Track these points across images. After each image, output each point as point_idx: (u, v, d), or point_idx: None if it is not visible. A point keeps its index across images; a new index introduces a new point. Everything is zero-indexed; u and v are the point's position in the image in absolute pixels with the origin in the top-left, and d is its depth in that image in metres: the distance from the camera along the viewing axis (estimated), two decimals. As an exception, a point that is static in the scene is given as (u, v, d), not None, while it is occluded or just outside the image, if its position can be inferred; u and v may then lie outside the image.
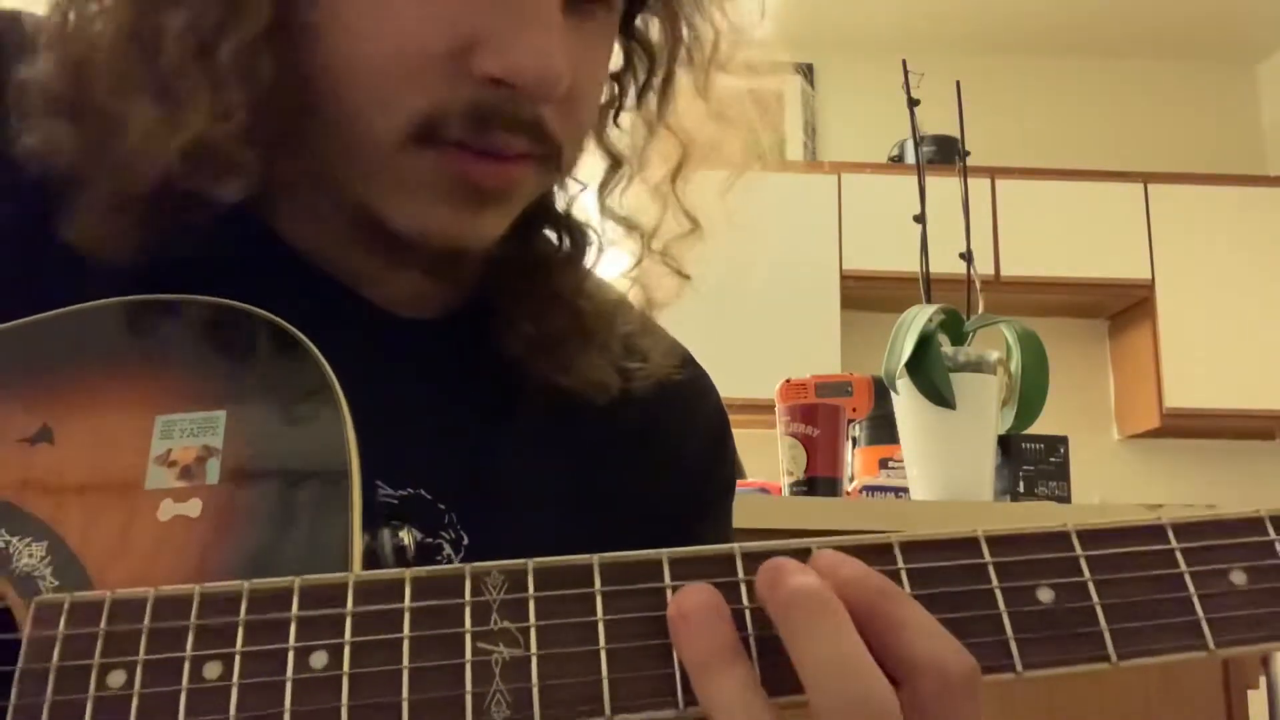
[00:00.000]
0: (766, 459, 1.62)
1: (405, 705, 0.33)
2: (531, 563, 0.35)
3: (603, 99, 0.57)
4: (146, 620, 0.34)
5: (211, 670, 0.33)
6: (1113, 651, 0.34)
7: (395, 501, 0.49)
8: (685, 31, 0.57)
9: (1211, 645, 0.35)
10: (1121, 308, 3.75)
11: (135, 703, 0.33)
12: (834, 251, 3.46)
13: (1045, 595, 0.35)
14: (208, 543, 0.39)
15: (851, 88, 3.95)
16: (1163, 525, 0.36)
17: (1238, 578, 0.36)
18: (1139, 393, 3.66)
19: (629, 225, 0.60)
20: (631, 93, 0.59)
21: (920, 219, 1.46)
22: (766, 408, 1.57)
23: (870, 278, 3.37)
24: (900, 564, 0.35)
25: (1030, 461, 1.55)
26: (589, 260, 0.60)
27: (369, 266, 0.53)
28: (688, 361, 0.66)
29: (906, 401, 1.30)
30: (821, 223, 3.48)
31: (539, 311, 0.57)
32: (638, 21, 0.57)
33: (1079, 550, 0.36)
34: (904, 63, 1.49)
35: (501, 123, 0.47)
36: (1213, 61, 4.06)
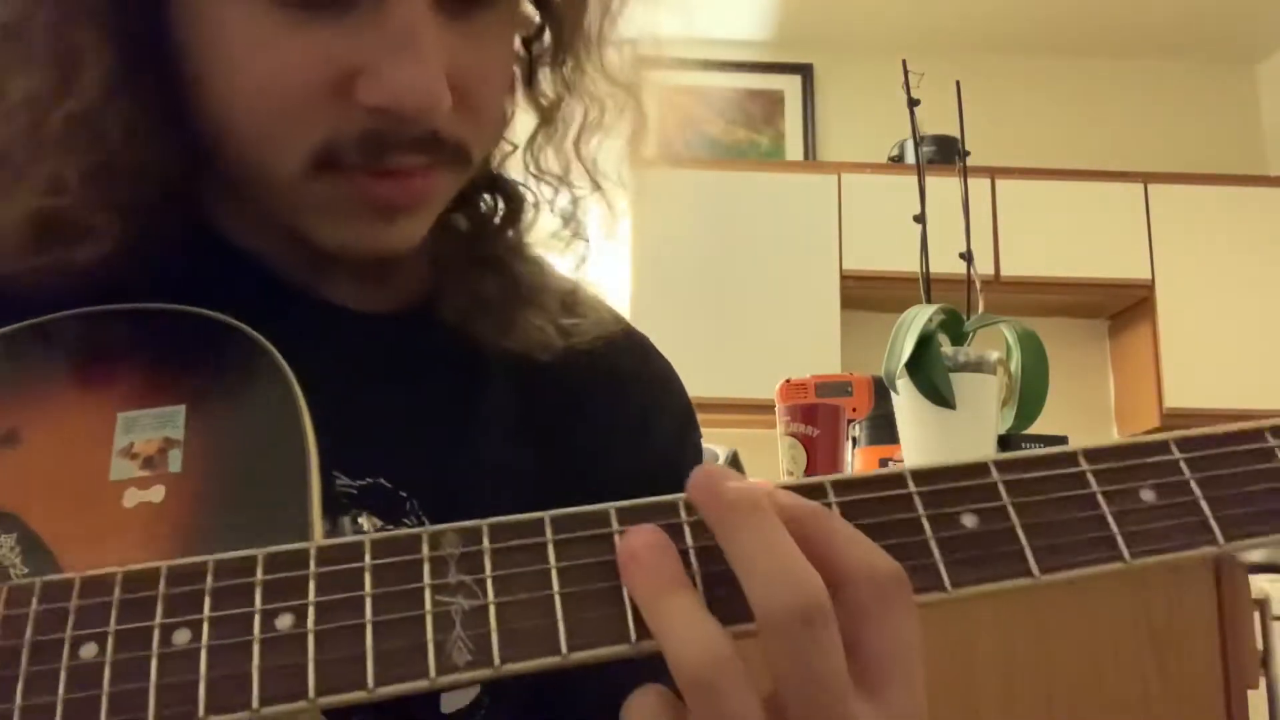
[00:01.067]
0: (766, 459, 1.62)
1: (370, 656, 0.34)
2: (485, 521, 0.37)
3: (519, 63, 0.58)
4: (116, 594, 0.36)
5: (180, 636, 0.35)
6: (1035, 567, 0.36)
7: (355, 491, 0.50)
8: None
9: (1127, 557, 0.37)
10: (1121, 308, 3.75)
11: (108, 671, 0.34)
12: (834, 251, 3.46)
13: (969, 520, 0.37)
14: (173, 525, 0.41)
15: (851, 88, 3.94)
16: (1075, 452, 0.39)
17: (1147, 495, 0.38)
18: (1139, 393, 3.66)
19: (558, 181, 0.61)
20: (547, 53, 0.60)
21: (920, 219, 1.46)
22: (766, 408, 1.57)
23: (870, 278, 3.37)
24: (832, 498, 0.37)
25: (1030, 461, 1.54)
26: (526, 219, 0.61)
27: (317, 268, 0.55)
28: (630, 332, 0.67)
29: (906, 401, 1.30)
30: (821, 223, 3.48)
31: (476, 276, 0.58)
32: None
33: (997, 477, 0.38)
34: (904, 63, 1.49)
35: (394, 146, 0.48)
36: (1213, 61, 4.06)
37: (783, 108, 3.95)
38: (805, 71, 3.97)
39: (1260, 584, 2.26)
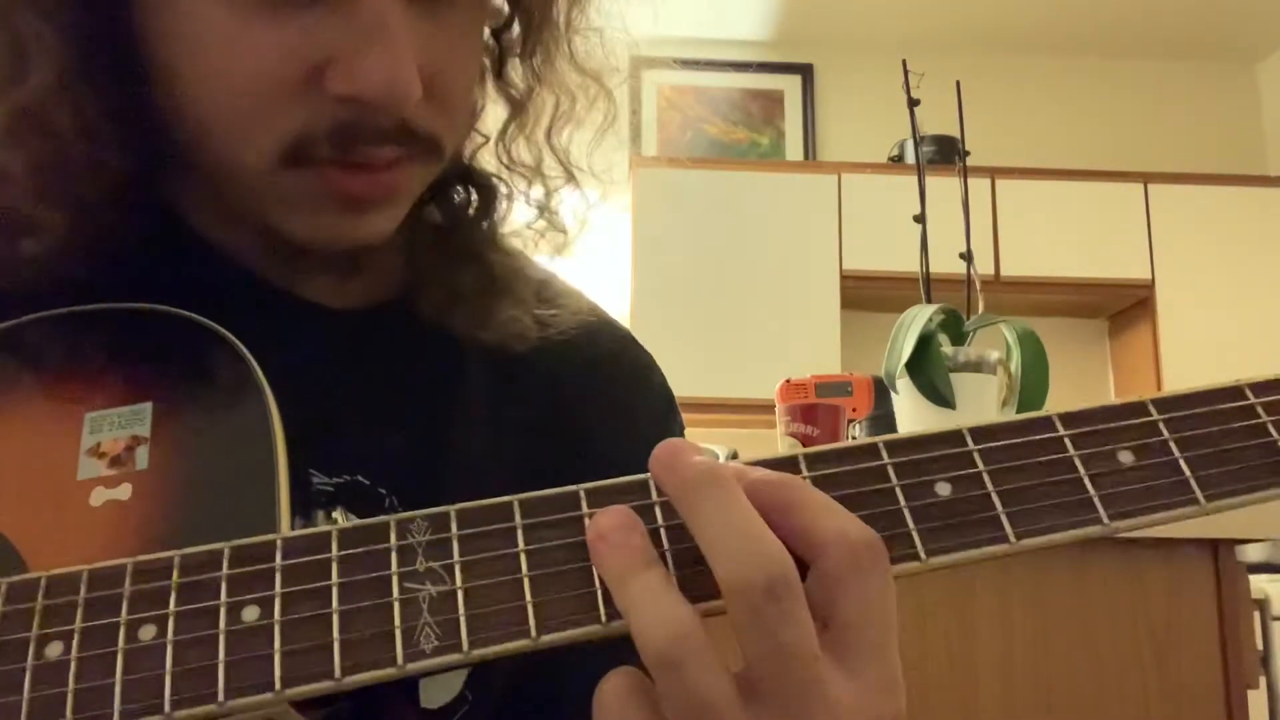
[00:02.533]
0: (766, 459, 1.62)
1: (336, 645, 0.34)
2: (453, 507, 0.36)
3: (488, 54, 0.58)
4: (82, 593, 0.35)
5: (146, 632, 0.35)
6: (1011, 533, 0.36)
7: (331, 489, 0.50)
8: None
9: (1105, 519, 0.36)
10: (1121, 308, 3.75)
11: (73, 668, 0.34)
12: (834, 251, 3.46)
13: (943, 489, 0.37)
14: (140, 522, 0.40)
15: (851, 88, 3.94)
16: (1050, 416, 0.38)
17: (1125, 457, 0.37)
18: (1139, 392, 3.64)
19: (531, 172, 0.61)
20: (516, 43, 0.60)
21: (920, 219, 1.46)
22: (766, 408, 1.57)
23: (870, 278, 3.37)
24: (805, 472, 0.37)
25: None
26: (499, 211, 0.61)
27: (291, 263, 0.55)
28: (608, 322, 0.67)
29: (906, 401, 1.30)
30: (821, 223, 3.48)
31: (451, 270, 0.58)
32: None
33: (972, 445, 0.37)
34: (904, 63, 1.49)
35: (365, 137, 0.48)
36: (1213, 61, 4.05)
37: (783, 108, 3.95)
38: (805, 71, 3.97)
39: (1260, 584, 2.27)
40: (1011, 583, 1.26)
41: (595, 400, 0.61)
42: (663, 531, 0.36)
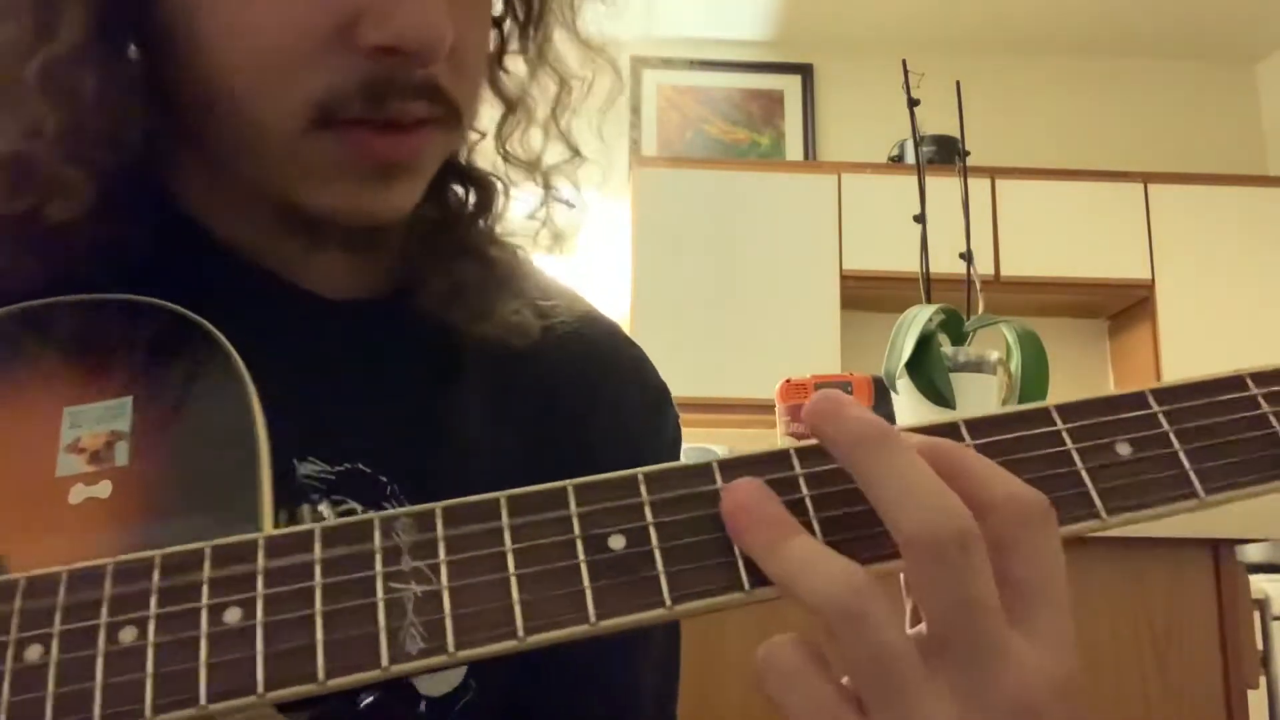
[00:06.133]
0: (766, 459, 1.62)
1: (320, 647, 0.33)
2: (439, 505, 0.36)
3: (489, 47, 0.58)
4: (61, 594, 0.35)
5: (127, 635, 0.34)
6: None
7: (333, 477, 0.50)
8: None
9: (1104, 514, 0.35)
10: (1121, 308, 3.75)
11: (52, 672, 0.33)
12: (834, 251, 3.46)
13: None
14: (119, 520, 0.40)
15: (851, 88, 3.94)
16: (1047, 408, 0.37)
17: (1124, 449, 0.37)
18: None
19: (529, 167, 0.61)
20: (514, 36, 0.60)
21: (920, 219, 1.46)
22: (766, 408, 1.57)
23: (870, 278, 3.37)
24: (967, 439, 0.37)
25: (1030, 461, 1.54)
26: (497, 208, 0.61)
27: (295, 252, 0.54)
28: (600, 318, 0.67)
29: (906, 401, 1.30)
30: (821, 223, 3.48)
31: (451, 265, 0.58)
32: None
33: (969, 440, 0.37)
34: (904, 63, 1.49)
35: (397, 92, 0.47)
36: (1213, 61, 4.05)
37: (783, 108, 3.95)
38: (805, 71, 3.97)
39: (1260, 584, 2.26)
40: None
41: (590, 395, 0.62)
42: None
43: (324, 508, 0.47)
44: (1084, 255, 3.51)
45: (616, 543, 0.35)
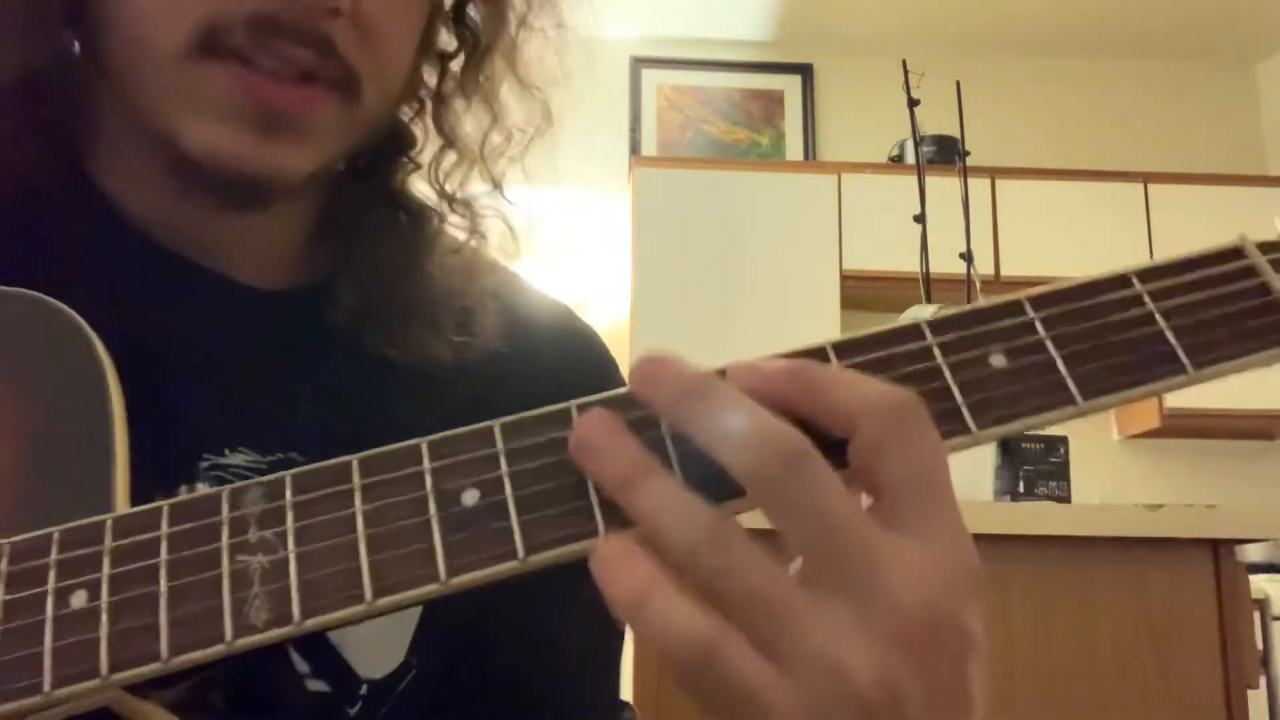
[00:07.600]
0: (766, 459, 1.62)
1: (164, 625, 0.33)
2: (289, 473, 0.35)
3: (431, 80, 0.58)
4: None
5: None
6: None
7: (265, 467, 0.49)
8: (509, 12, 0.59)
9: (973, 428, 0.34)
10: (1121, 308, 3.75)
11: None
12: (834, 251, 3.46)
13: None
14: None
15: (851, 88, 3.94)
16: (919, 324, 0.36)
17: (998, 360, 0.35)
18: (1140, 401, 3.65)
19: (460, 204, 0.61)
20: (456, 71, 0.60)
21: (920, 219, 1.46)
22: (766, 408, 1.57)
23: (870, 278, 3.37)
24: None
25: (1030, 461, 1.54)
26: (428, 236, 0.61)
27: (201, 224, 0.53)
28: (567, 315, 0.66)
29: (906, 401, 1.30)
30: (821, 223, 3.48)
31: (368, 285, 0.57)
32: (469, 10, 0.59)
33: (835, 361, 0.35)
34: (904, 63, 1.49)
35: (285, 33, 0.47)
36: (1213, 61, 4.05)
37: (783, 108, 3.95)
38: (805, 71, 3.97)
39: (1260, 584, 2.27)
40: (1011, 582, 1.25)
41: (529, 375, 0.60)
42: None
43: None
44: (1084, 255, 3.51)
45: (470, 497, 0.34)
